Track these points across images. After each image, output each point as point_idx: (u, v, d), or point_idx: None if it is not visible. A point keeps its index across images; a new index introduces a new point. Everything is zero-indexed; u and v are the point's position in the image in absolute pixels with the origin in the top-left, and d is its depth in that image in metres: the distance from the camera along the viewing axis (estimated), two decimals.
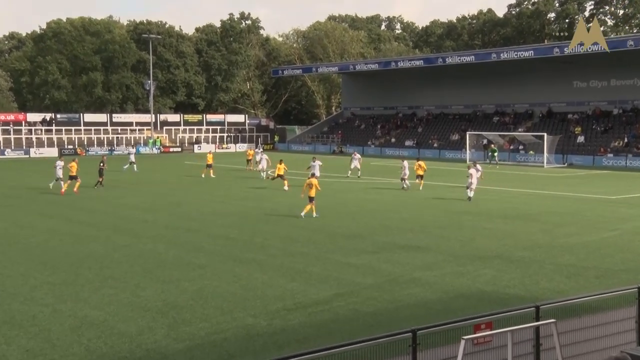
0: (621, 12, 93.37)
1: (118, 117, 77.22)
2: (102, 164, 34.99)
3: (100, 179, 34.30)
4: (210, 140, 79.93)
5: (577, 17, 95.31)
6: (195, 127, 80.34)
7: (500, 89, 65.94)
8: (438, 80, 70.55)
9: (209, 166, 41.03)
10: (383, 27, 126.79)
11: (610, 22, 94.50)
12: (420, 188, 33.24)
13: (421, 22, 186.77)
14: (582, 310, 9.61)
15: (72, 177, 31.89)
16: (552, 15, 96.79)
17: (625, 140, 53.76)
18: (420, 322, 9.76)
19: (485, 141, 60.20)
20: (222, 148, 78.55)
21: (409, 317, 11.90)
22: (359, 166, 41.54)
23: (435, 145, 65.22)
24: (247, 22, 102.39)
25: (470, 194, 28.82)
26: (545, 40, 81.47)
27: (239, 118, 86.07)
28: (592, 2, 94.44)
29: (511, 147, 58.80)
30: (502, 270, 15.61)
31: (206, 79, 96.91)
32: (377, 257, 17.16)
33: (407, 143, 68.32)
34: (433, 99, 72.54)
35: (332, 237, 20.11)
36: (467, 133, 59.25)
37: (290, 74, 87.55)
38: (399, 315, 12.15)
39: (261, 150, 50.56)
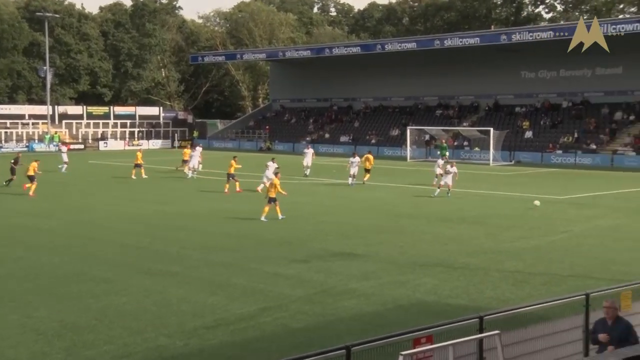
0: None
1: (6, 109, 74.46)
2: (14, 162, 35.31)
3: (12, 178, 34.52)
4: (118, 136, 78.36)
5: (525, 1, 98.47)
6: (101, 121, 78.48)
7: (443, 80, 67.32)
8: (377, 70, 71.42)
9: (137, 166, 40.51)
10: (316, 9, 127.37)
11: (559, 8, 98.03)
12: (365, 179, 37.03)
13: (358, 4, 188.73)
14: (528, 320, 9.96)
15: None
16: None
17: (575, 135, 55.92)
18: (356, 338, 9.88)
19: (427, 137, 61.39)
20: (133, 145, 77.07)
21: (343, 332, 12.03)
22: (310, 164, 42.12)
23: (373, 141, 66.01)
24: (162, 0, 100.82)
25: (444, 191, 31.23)
26: (492, 26, 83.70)
27: (153, 111, 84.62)
28: None
29: (455, 143, 60.19)
30: (444, 278, 15.98)
31: (114, 65, 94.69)
32: (309, 266, 17.26)
33: (343, 139, 68.86)
34: (371, 90, 73.38)
35: (258, 244, 20.09)
36: (408, 128, 60.26)
37: (211, 61, 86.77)
38: (332, 331, 12.26)
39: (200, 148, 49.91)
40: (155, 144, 77.62)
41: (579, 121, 57.90)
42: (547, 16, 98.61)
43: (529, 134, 58.82)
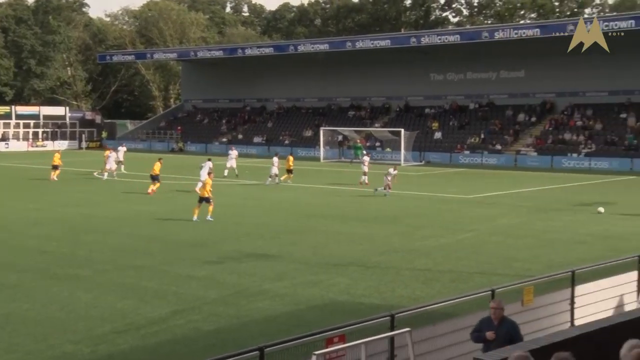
0: (476, 1, 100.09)
1: None
2: None
3: None
4: (21, 137, 75.43)
5: (432, 5, 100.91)
6: (2, 121, 75.28)
7: (356, 81, 68.18)
8: (290, 71, 71.61)
9: (55, 167, 39.52)
10: (228, 9, 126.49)
11: (465, 12, 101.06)
12: (283, 179, 37.73)
13: (270, 5, 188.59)
14: (438, 316, 10.26)
15: None
16: (408, 2, 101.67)
17: (482, 136, 57.76)
18: (269, 339, 9.90)
19: (340, 137, 62.00)
20: (37, 146, 74.39)
21: (256, 333, 12.02)
22: (234, 165, 41.92)
23: (287, 142, 66.15)
24: None
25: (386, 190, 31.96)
26: (402, 29, 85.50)
27: (58, 110, 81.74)
28: None
29: (367, 144, 61.02)
30: (357, 278, 16.19)
31: (15, 63, 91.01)
32: (222, 267, 17.16)
33: (256, 140, 68.69)
34: (284, 91, 73.50)
35: (170, 246, 19.82)
36: (321, 129, 60.71)
37: (120, 60, 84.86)
38: (246, 332, 12.24)
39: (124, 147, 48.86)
40: (62, 144, 75.07)
41: (485, 122, 59.83)
42: (454, 20, 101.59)
43: (438, 135, 60.32)
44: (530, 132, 57.10)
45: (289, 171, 38.55)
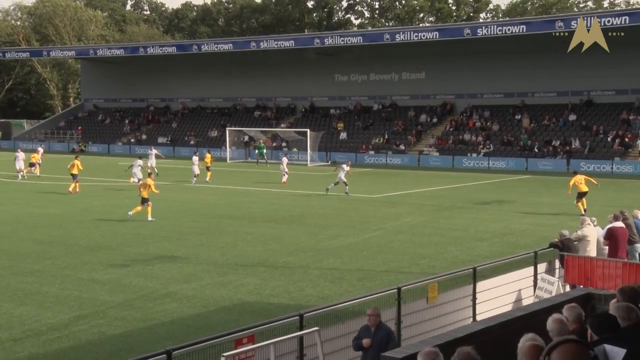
0: (377, 4, 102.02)
1: None
2: None
3: None
4: None
5: (335, 7, 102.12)
6: None
7: (261, 82, 68.09)
8: (194, 70, 70.73)
9: (32, 165, 40.02)
10: (129, 7, 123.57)
11: (367, 14, 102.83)
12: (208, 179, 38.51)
13: (171, 4, 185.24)
14: (346, 315, 10.38)
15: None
16: (311, 3, 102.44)
17: (386, 136, 58.88)
18: (177, 341, 9.78)
19: (246, 138, 61.75)
20: None
21: (164, 336, 11.83)
22: (154, 164, 42.13)
23: (192, 142, 65.30)
24: None
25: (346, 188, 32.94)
26: (306, 30, 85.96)
27: None
28: None
29: (274, 145, 61.10)
30: (266, 278, 16.19)
31: None
32: (128, 270, 16.78)
33: (161, 140, 67.45)
34: (189, 90, 72.52)
35: (72, 250, 19.20)
36: (227, 129, 60.29)
37: (14, 57, 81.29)
38: (153, 335, 12.02)
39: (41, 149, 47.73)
40: None
41: (388, 123, 60.99)
42: (357, 22, 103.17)
43: (343, 135, 61.04)
44: (432, 133, 58.66)
45: (208, 168, 39.01)
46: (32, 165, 41.29)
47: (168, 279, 16.01)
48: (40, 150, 44.96)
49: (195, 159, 39.15)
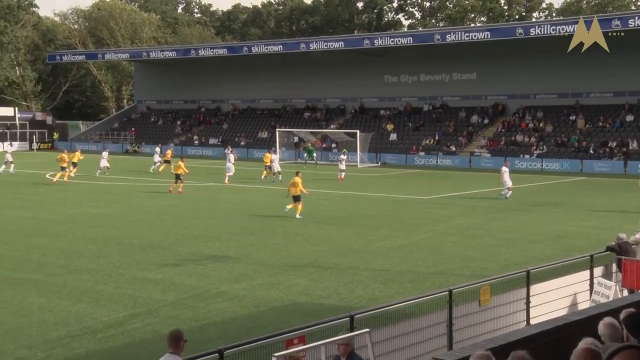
0: (427, 4, 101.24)
1: None
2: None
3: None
4: None
5: (385, 8, 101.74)
6: None
7: (311, 83, 68.26)
8: (244, 72, 71.26)
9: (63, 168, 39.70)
10: (180, 10, 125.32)
11: (418, 15, 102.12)
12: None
13: (221, 6, 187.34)
14: (396, 316, 10.32)
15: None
16: (360, 4, 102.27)
17: (436, 138, 58.40)
18: (228, 341, 9.87)
19: (296, 139, 61.98)
20: None
21: (215, 336, 11.95)
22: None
23: (242, 143, 65.88)
24: None
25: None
26: (356, 31, 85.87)
27: (7, 111, 79.82)
28: None
29: (323, 146, 61.18)
30: (315, 279, 16.21)
31: None
32: (180, 270, 17.00)
33: (212, 141, 68.24)
34: (239, 92, 73.15)
35: (126, 249, 19.55)
36: (277, 130, 60.61)
37: (70, 60, 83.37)
38: (205, 335, 12.14)
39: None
40: (11, 146, 73.32)
41: (439, 124, 60.48)
42: (407, 23, 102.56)
43: (393, 136, 60.76)
44: (483, 134, 57.94)
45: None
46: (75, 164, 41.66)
47: (219, 278, 16.17)
48: (105, 154, 45.87)
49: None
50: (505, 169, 32.42)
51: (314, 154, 54.67)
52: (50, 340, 11.79)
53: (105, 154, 44.38)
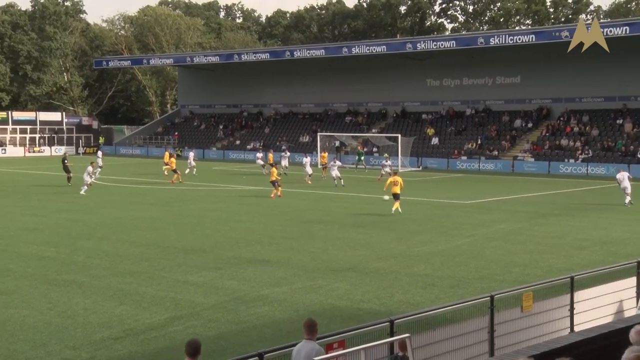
0: (471, 7, 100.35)
1: None
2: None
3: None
4: (18, 142, 75.34)
5: (428, 11, 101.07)
6: None
7: (352, 87, 68.27)
8: (286, 76, 71.66)
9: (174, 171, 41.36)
10: (222, 15, 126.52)
11: (461, 18, 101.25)
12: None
13: (264, 11, 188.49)
14: (437, 322, 10.22)
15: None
16: (403, 8, 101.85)
17: (479, 142, 57.81)
18: (269, 344, 9.90)
19: (337, 143, 62.02)
20: (34, 151, 74.35)
21: (255, 339, 11.99)
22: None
23: (284, 147, 66.05)
24: (66, 3, 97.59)
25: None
26: (398, 35, 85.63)
27: (55, 116, 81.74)
28: None
29: (365, 150, 61.03)
30: (356, 283, 16.16)
31: (11, 68, 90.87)
32: (220, 273, 17.12)
33: (249, 146, 68.60)
34: (281, 96, 73.56)
35: (168, 252, 19.76)
36: (318, 134, 60.72)
37: (116, 65, 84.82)
38: (245, 338, 12.20)
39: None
40: (59, 150, 75.02)
41: (481, 128, 59.88)
42: (450, 26, 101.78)
43: (435, 141, 60.36)
44: (526, 138, 57.16)
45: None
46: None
47: (259, 282, 16.23)
48: (168, 154, 46.85)
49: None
50: (625, 174, 31.23)
51: (363, 157, 54.81)
52: (94, 341, 11.97)
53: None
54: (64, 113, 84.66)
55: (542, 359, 6.10)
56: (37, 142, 76.68)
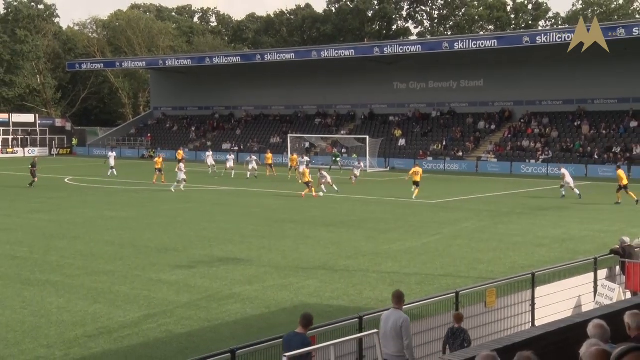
0: (436, 13, 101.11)
1: None
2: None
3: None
4: None
5: (394, 16, 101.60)
6: None
7: (322, 90, 68.37)
8: (257, 79, 71.49)
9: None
10: (196, 19, 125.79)
11: (427, 23, 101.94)
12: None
13: (236, 15, 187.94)
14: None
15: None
16: (370, 13, 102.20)
17: (444, 143, 58.27)
18: (240, 341, 9.88)
19: (307, 144, 62.06)
20: (7, 152, 73.15)
21: (228, 336, 11.96)
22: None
23: (255, 148, 65.90)
24: (39, 6, 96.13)
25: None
26: (366, 40, 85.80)
27: (28, 118, 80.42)
28: (408, 2, 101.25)
29: (334, 151, 61.15)
30: (326, 281, 16.20)
31: None
32: (193, 272, 17.03)
33: (225, 146, 68.32)
34: (252, 98, 73.37)
35: (141, 251, 19.61)
36: (289, 136, 60.70)
37: (89, 68, 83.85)
38: (217, 335, 12.16)
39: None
40: (32, 151, 73.87)
41: (447, 130, 60.36)
42: (416, 31, 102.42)
43: (402, 142, 60.68)
44: (490, 140, 57.77)
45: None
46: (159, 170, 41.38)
47: (232, 280, 16.18)
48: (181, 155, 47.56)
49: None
50: (565, 171, 34.48)
51: (339, 159, 54.96)
52: (68, 340, 11.84)
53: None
54: (37, 115, 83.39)
55: (505, 352, 6.16)
56: (10, 144, 75.45)
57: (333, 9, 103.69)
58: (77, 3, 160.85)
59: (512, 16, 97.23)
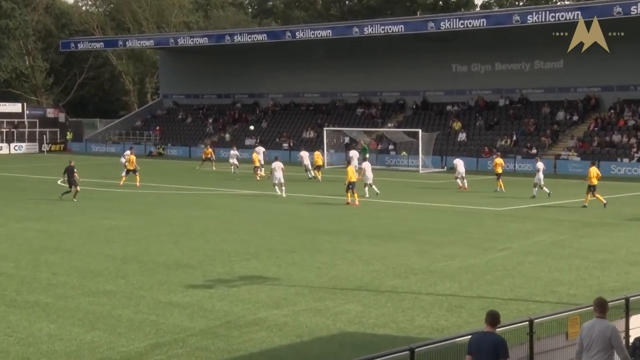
0: None
1: None
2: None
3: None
4: None
5: None
6: None
7: (364, 74, 68.28)
8: (286, 61, 71.70)
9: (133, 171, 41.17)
10: None
11: None
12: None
13: None
14: (465, 351, 10.18)
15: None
16: None
17: (514, 138, 57.80)
18: None
19: (347, 139, 62.06)
20: None
21: None
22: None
23: (285, 145, 66.10)
24: None
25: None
26: (418, 13, 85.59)
27: (14, 107, 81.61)
28: None
29: (379, 147, 61.10)
30: (369, 304, 16.17)
31: None
32: (210, 293, 17.14)
33: (248, 142, 68.71)
34: (281, 85, 73.65)
35: (148, 268, 19.81)
36: (325, 129, 60.77)
37: (87, 48, 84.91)
38: None
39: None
40: (19, 147, 75.15)
41: (517, 122, 59.88)
42: (479, 2, 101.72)
43: (462, 136, 60.38)
44: (571, 133, 57.10)
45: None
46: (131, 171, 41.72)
47: (256, 303, 16.24)
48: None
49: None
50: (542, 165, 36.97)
51: (367, 154, 54.62)
52: None
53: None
54: (25, 104, 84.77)
55: None
56: None
57: None
58: None
59: None
